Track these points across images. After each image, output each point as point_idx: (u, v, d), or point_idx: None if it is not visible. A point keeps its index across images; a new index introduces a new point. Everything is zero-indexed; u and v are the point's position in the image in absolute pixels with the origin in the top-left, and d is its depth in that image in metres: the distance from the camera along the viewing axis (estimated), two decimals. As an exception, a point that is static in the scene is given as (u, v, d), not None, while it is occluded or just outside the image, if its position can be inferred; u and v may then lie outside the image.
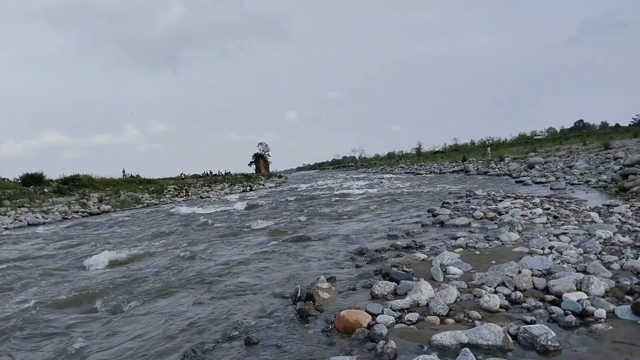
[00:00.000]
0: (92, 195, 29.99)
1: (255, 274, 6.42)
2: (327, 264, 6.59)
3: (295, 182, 53.02)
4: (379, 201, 16.28)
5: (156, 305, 5.38)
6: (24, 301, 5.94)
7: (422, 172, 42.72)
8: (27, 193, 28.17)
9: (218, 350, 3.78)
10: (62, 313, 5.36)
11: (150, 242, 10.84)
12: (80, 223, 19.06)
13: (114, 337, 4.42)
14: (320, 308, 4.51)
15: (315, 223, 11.69)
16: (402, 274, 5.18)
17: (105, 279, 6.91)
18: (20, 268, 8.44)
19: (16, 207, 24.10)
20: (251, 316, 4.56)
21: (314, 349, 3.58)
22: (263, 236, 10.16)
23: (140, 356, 3.83)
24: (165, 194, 35.41)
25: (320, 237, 9.05)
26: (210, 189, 41.78)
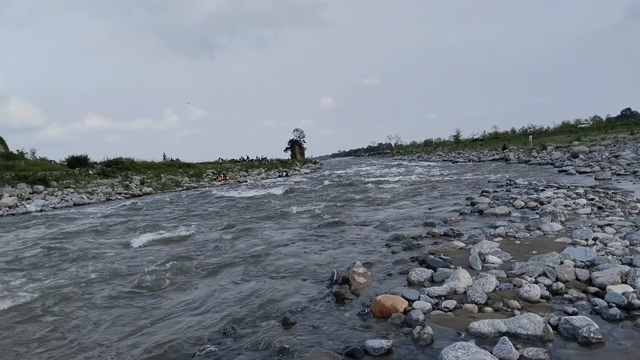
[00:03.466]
0: (134, 178, 30.92)
1: (292, 256, 6.53)
2: (363, 249, 6.62)
3: (330, 169, 53.08)
4: (416, 188, 16.12)
5: (197, 283, 5.59)
6: (76, 276, 6.34)
7: (460, 160, 41.90)
8: (73, 175, 29.29)
9: (256, 328, 3.88)
10: (109, 287, 5.65)
11: (191, 223, 11.22)
12: (124, 204, 19.75)
13: (156, 312, 4.61)
14: (356, 292, 4.55)
15: (351, 209, 11.72)
16: (439, 261, 5.15)
17: (149, 257, 7.25)
18: (70, 245, 8.93)
19: (62, 188, 25.14)
20: (288, 297, 4.66)
21: (350, 332, 3.62)
22: (300, 220, 10.29)
23: (182, 331, 3.97)
24: (204, 178, 36.15)
25: (355, 223, 9.07)
26: (247, 173, 42.37)
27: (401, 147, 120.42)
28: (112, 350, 3.63)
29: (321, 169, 54.66)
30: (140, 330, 4.13)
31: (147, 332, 4.06)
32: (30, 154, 45.53)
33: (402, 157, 76.43)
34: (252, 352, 3.38)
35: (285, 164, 58.81)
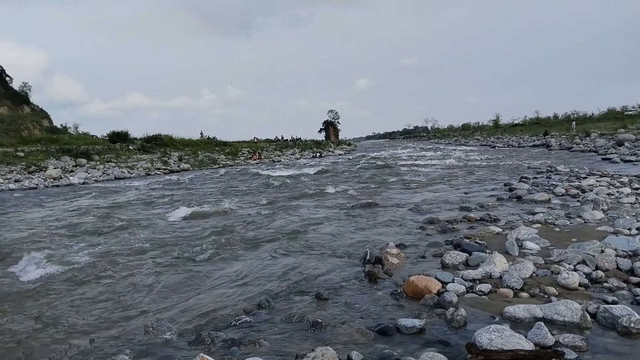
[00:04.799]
0: (172, 154, 31.67)
1: (326, 235, 6.62)
2: (396, 231, 6.61)
3: (365, 151, 52.80)
4: (452, 173, 15.88)
5: (235, 256, 5.77)
6: (126, 243, 6.76)
7: (499, 145, 40.88)
8: (114, 149, 30.26)
9: (290, 303, 3.97)
10: (155, 255, 5.96)
11: (230, 199, 11.59)
12: (163, 179, 20.31)
13: (196, 282, 4.77)
14: (389, 272, 4.57)
15: (385, 191, 11.68)
16: (474, 245, 5.09)
17: (192, 229, 7.60)
18: (120, 215, 9.56)
19: (104, 162, 26.02)
20: (322, 273, 4.74)
21: (382, 310, 3.65)
22: (334, 200, 10.36)
23: (219, 301, 4.10)
24: (240, 156, 36.66)
25: (390, 205, 9.06)
26: (281, 153, 42.68)
27: (438, 130, 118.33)
28: (153, 316, 3.79)
29: (355, 151, 54.46)
30: (181, 298, 4.30)
31: (186, 301, 4.21)
32: (73, 128, 47.24)
33: (439, 141, 75.19)
34: (285, 324, 3.47)
35: (319, 145, 58.80)
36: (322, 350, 2.81)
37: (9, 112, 46.65)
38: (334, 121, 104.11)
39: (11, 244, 7.13)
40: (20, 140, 31.45)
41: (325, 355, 2.77)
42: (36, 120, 47.87)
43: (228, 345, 3.14)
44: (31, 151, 25.09)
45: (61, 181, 20.64)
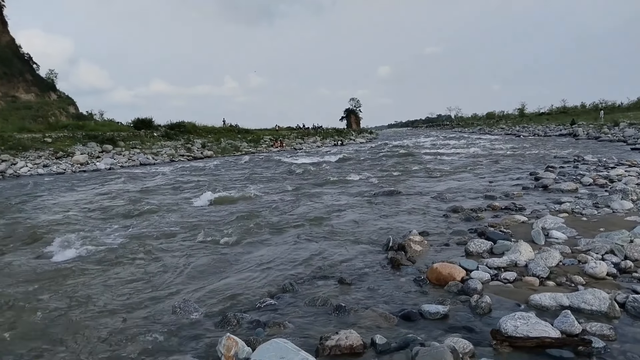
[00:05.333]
0: (195, 141, 31.98)
1: (348, 221, 6.64)
2: (419, 219, 6.59)
3: (387, 139, 52.44)
4: (476, 161, 15.70)
5: (260, 240, 5.86)
6: (156, 226, 6.98)
7: (525, 134, 40.10)
8: (139, 136, 30.68)
9: (313, 287, 4.01)
10: (183, 238, 6.11)
11: (253, 185, 11.78)
12: (187, 165, 20.60)
13: (222, 264, 4.87)
14: (412, 259, 4.57)
15: (408, 179, 11.62)
16: (499, 233, 5.05)
17: (218, 214, 7.76)
18: (149, 199, 9.90)
19: (129, 148, 26.43)
20: (345, 259, 4.77)
21: (406, 296, 3.66)
22: (356, 188, 10.36)
23: (244, 284, 4.17)
24: (262, 144, 36.82)
25: (412, 193, 9.02)
26: (303, 141, 42.70)
27: (461, 119, 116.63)
28: (180, 296, 3.88)
29: (377, 139, 54.12)
30: (207, 280, 4.39)
31: (213, 283, 4.30)
32: (98, 115, 48.13)
33: (462, 130, 74.18)
34: (309, 308, 3.51)
35: (341, 133, 58.57)
36: (346, 333, 2.84)
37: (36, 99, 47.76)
38: (356, 109, 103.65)
39: (46, 225, 7.40)
40: (48, 127, 32.18)
41: (349, 337, 2.80)
42: (62, 107, 48.90)
43: (253, 326, 3.20)
44: (58, 137, 25.60)
45: (88, 166, 21.11)
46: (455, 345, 2.57)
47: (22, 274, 4.78)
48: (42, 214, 8.83)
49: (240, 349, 2.69)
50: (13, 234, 6.88)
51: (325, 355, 2.72)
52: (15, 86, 47.29)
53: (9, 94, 45.77)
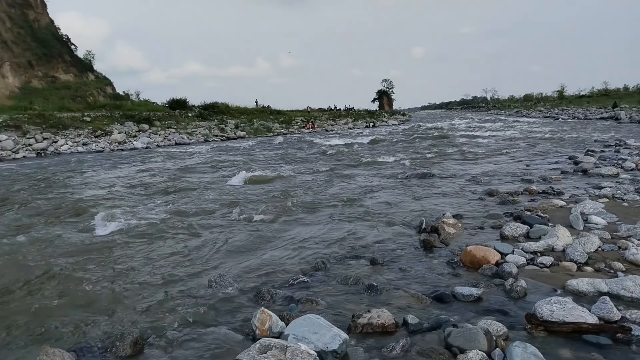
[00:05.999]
0: (229, 122, 32.33)
1: (381, 203, 6.64)
2: (454, 202, 6.51)
3: (420, 121, 51.70)
4: (512, 144, 15.34)
5: (294, 219, 5.94)
6: (195, 203, 7.23)
7: (564, 117, 38.85)
8: (174, 116, 31.18)
9: (345, 266, 4.04)
10: (220, 215, 6.27)
11: (287, 165, 12.00)
12: (222, 145, 20.92)
13: (258, 241, 4.96)
14: (445, 241, 4.53)
15: (442, 162, 11.47)
16: (536, 218, 4.94)
17: (254, 192, 7.93)
18: (188, 177, 10.28)
19: (165, 128, 26.96)
20: (377, 240, 4.78)
21: (438, 277, 3.65)
22: (388, 170, 10.32)
23: (277, 263, 4.24)
24: (293, 125, 36.91)
25: (446, 176, 8.91)
26: (334, 122, 42.56)
27: (497, 101, 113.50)
28: (216, 271, 3.98)
29: (410, 121, 53.46)
30: (242, 257, 4.49)
31: (247, 260, 4.39)
32: (135, 95, 49.10)
33: (499, 112, 72.32)
34: (341, 286, 3.55)
35: (373, 115, 58.05)
36: (378, 312, 2.86)
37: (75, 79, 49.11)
38: (388, 91, 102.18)
39: (91, 200, 7.80)
40: (86, 106, 33.05)
41: (382, 316, 2.82)
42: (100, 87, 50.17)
43: (287, 302, 3.26)
44: (97, 116, 26.30)
45: (125, 145, 21.68)
46: (488, 327, 2.56)
47: (69, 246, 5.00)
48: (87, 189, 9.31)
49: (274, 323, 2.75)
50: (60, 208, 7.22)
51: (357, 332, 2.75)
52: (55, 67, 48.70)
53: (48, 74, 47.22)
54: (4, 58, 43.42)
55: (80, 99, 41.32)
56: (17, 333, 2.99)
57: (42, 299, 3.57)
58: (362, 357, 2.48)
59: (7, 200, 8.33)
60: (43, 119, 23.00)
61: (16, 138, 20.07)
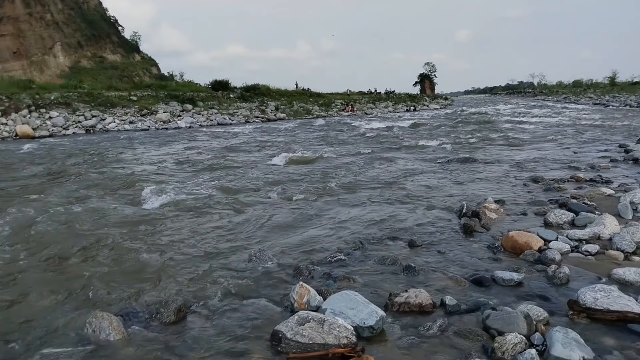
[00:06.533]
0: (269, 104, 32.55)
1: (420, 186, 6.60)
2: (496, 187, 6.39)
3: (462, 106, 50.47)
4: (560, 131, 14.79)
5: (334, 199, 6.00)
6: (240, 181, 7.44)
7: (615, 105, 37.05)
8: (216, 97, 31.63)
9: (383, 246, 4.06)
10: (263, 193, 6.43)
11: (327, 147, 12.07)
12: (265, 126, 21.17)
13: (297, 219, 5.05)
14: (486, 226, 4.47)
15: (485, 147, 11.21)
16: (582, 205, 4.79)
17: (296, 172, 8.10)
18: (225, 157, 10.52)
19: (207, 108, 27.42)
20: (415, 222, 4.76)
21: (478, 262, 3.61)
22: (429, 153, 10.20)
23: (315, 241, 4.31)
24: (333, 108, 36.80)
25: (489, 161, 8.72)
26: (374, 106, 42.17)
27: (545, 86, 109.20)
28: (257, 246, 4.08)
29: (452, 106, 52.29)
30: (281, 234, 4.58)
31: (287, 236, 4.49)
32: (179, 76, 50.01)
33: (545, 98, 69.71)
34: (378, 265, 3.57)
35: (414, 99, 57.04)
36: (416, 292, 2.87)
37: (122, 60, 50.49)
38: (430, 74, 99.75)
39: (140, 174, 8.21)
40: (133, 86, 34.02)
41: (419, 296, 2.83)
42: (146, 67, 51.41)
43: (324, 278, 3.32)
44: (143, 96, 26.99)
45: (170, 124, 22.24)
46: (529, 312, 2.53)
47: (120, 217, 5.24)
48: (138, 164, 9.81)
49: (312, 297, 2.81)
50: (112, 181, 7.64)
51: (394, 311, 2.77)
52: (103, 47, 50.16)
53: (97, 54, 48.71)
54: (55, 38, 45.05)
55: (127, 78, 42.54)
56: (69, 296, 3.18)
57: (93, 266, 3.76)
58: (398, 335, 2.51)
59: (63, 172, 8.86)
60: (92, 98, 23.82)
61: (66, 115, 20.91)
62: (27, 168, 9.58)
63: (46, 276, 3.60)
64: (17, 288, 3.34)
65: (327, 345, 2.31)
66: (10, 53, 39.72)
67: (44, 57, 43.64)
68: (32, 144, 14.91)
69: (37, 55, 42.84)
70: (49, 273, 3.67)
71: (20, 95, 21.28)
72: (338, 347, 2.30)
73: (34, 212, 5.35)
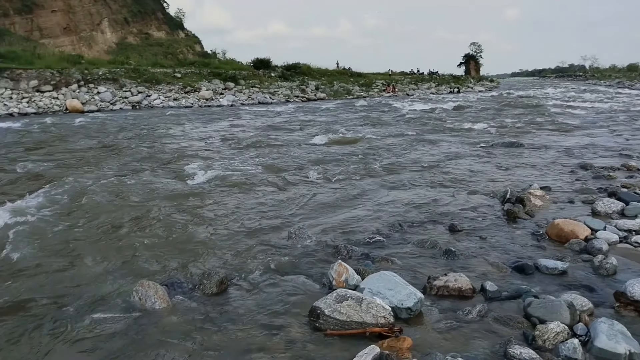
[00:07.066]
0: (309, 83, 32.46)
1: (463, 170, 6.49)
2: (542, 173, 6.20)
3: (509, 88, 48.80)
4: (611, 117, 14.09)
5: (370, 181, 5.97)
6: (281, 159, 7.63)
7: (676, 91, 34.95)
8: (257, 76, 31.77)
9: (422, 229, 4.03)
10: (295, 174, 6.43)
11: (366, 128, 12.04)
12: (303, 106, 21.21)
13: (332, 201, 5.05)
14: (530, 213, 4.36)
15: (531, 131, 10.84)
16: (633, 195, 4.59)
17: (331, 153, 8.11)
18: (268, 135, 10.77)
19: (249, 87, 27.63)
20: (457, 207, 4.70)
21: (521, 249, 3.54)
22: (472, 137, 9.99)
23: (354, 221, 4.32)
24: (374, 88, 36.35)
25: (536, 147, 8.43)
26: (416, 87, 41.39)
27: (597, 70, 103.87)
28: (296, 225, 4.13)
29: (498, 88, 50.65)
30: (321, 213, 4.63)
31: (326, 215, 4.53)
32: (221, 54, 50.30)
33: (597, 82, 66.37)
34: (417, 248, 3.56)
35: (458, 80, 55.46)
36: (455, 276, 2.85)
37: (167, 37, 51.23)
38: (476, 55, 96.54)
39: (187, 149, 8.58)
40: (177, 63, 34.55)
41: (459, 280, 2.81)
42: (190, 45, 52.00)
43: (362, 258, 3.34)
44: (186, 73, 27.41)
45: (212, 102, 22.60)
46: (572, 301, 2.47)
47: (168, 191, 5.44)
48: (185, 139, 10.21)
49: (350, 275, 2.83)
50: (162, 155, 7.96)
51: (432, 294, 2.77)
52: (148, 24, 50.99)
53: (143, 31, 49.60)
54: (102, 14, 46.12)
55: (171, 55, 43.18)
56: (118, 264, 3.33)
57: (141, 236, 3.93)
58: (436, 318, 2.50)
59: (115, 146, 9.33)
60: (138, 74, 24.41)
61: (114, 91, 21.56)
62: (82, 140, 10.15)
63: (98, 244, 3.78)
64: (71, 255, 3.54)
65: (364, 323, 2.34)
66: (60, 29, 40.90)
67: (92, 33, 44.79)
68: (83, 118, 15.61)
69: (86, 31, 43.98)
70: (101, 241, 3.85)
71: (70, 70, 22.05)
72: (375, 326, 2.33)
73: (90, 182, 5.66)
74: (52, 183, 5.58)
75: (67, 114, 17.72)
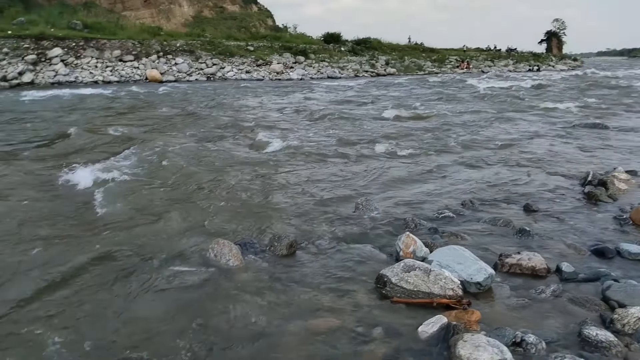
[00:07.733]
0: (380, 58, 31.90)
1: (542, 150, 6.25)
2: (627, 157, 5.79)
3: (594, 68, 45.38)
4: None
5: (443, 157, 5.92)
6: (343, 131, 7.75)
7: None
8: (327, 50, 31.63)
9: (495, 208, 3.92)
10: (365, 148, 6.47)
11: (439, 105, 11.91)
12: (373, 81, 21.01)
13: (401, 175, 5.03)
14: (613, 196, 4.11)
15: (617, 113, 10.09)
16: None
17: (403, 129, 8.06)
18: (339, 109, 10.77)
19: (319, 61, 27.61)
20: (533, 186, 4.54)
21: (601, 232, 3.36)
22: (552, 116, 9.52)
23: (423, 196, 4.28)
24: (447, 64, 35.16)
25: (622, 129, 7.86)
26: (492, 64, 39.53)
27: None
28: (364, 196, 4.13)
29: (582, 67, 47.27)
30: (391, 185, 4.65)
31: (395, 189, 4.53)
32: (292, 28, 50.41)
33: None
34: (489, 226, 3.47)
35: (538, 58, 52.21)
36: (529, 255, 2.77)
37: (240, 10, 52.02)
38: (559, 32, 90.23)
39: (263, 119, 9.01)
40: (250, 36, 35.02)
41: (532, 259, 2.72)
42: (262, 18, 52.52)
43: (431, 232, 3.32)
44: (259, 46, 27.80)
45: (283, 75, 22.89)
46: (657, 288, 2.32)
47: (244, 158, 5.72)
48: (261, 110, 10.66)
49: (418, 247, 2.83)
50: (240, 123, 8.33)
51: (503, 271, 2.71)
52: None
53: (218, 4, 50.62)
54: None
55: (244, 29, 43.87)
56: (196, 223, 3.53)
57: (217, 198, 4.15)
58: (507, 294, 2.45)
59: (197, 114, 9.91)
60: (213, 46, 25.08)
61: (190, 62, 22.33)
62: (167, 107, 10.89)
63: (179, 203, 4.02)
64: (155, 211, 3.79)
65: (432, 294, 2.34)
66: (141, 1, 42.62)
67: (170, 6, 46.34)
68: (164, 87, 16.44)
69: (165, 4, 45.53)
70: (182, 201, 4.10)
71: (150, 41, 23.06)
72: (443, 298, 2.32)
73: (176, 146, 6.03)
74: (142, 145, 6.04)
75: (147, 83, 18.67)
